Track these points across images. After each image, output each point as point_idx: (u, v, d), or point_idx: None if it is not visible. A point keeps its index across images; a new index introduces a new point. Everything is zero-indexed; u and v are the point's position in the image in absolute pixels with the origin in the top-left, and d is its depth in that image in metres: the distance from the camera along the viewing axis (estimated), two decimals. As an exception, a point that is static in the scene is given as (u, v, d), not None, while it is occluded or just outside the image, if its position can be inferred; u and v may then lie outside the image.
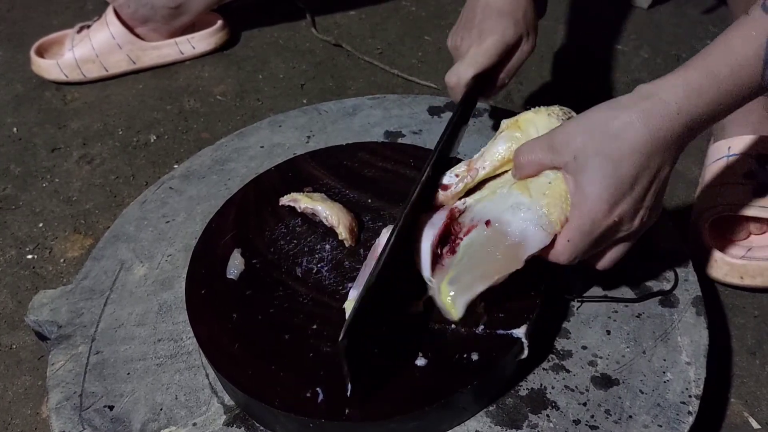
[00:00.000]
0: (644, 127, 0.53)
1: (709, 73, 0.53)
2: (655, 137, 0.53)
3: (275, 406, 0.56)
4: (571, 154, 0.55)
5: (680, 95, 0.53)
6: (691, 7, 1.30)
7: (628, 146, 0.53)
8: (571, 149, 0.55)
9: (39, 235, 0.93)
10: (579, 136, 0.55)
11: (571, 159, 0.55)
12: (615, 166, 0.53)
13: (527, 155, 0.59)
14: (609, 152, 0.53)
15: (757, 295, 0.80)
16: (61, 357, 0.66)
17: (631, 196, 0.54)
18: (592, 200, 0.54)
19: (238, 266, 0.67)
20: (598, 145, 0.54)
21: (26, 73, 1.19)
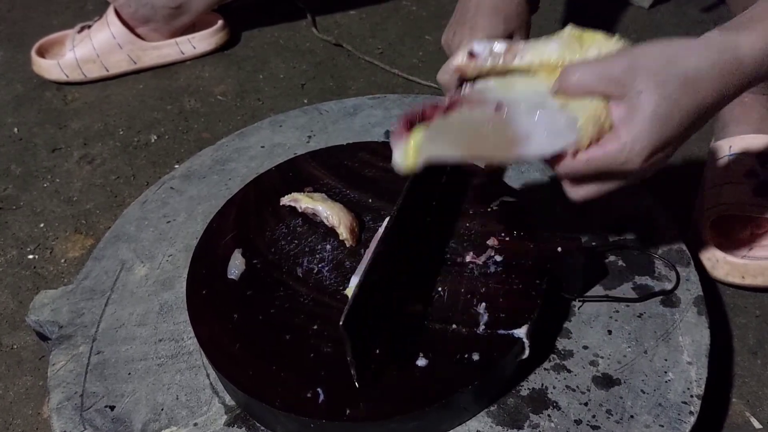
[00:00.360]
0: (719, 84, 0.50)
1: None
2: (724, 94, 0.51)
3: (276, 406, 0.56)
4: (636, 89, 0.50)
5: (757, 58, 0.51)
6: (692, 7, 1.30)
7: (697, 100, 0.50)
8: (636, 85, 0.50)
9: (40, 236, 0.93)
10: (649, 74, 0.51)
11: (634, 94, 0.50)
12: (680, 116, 0.50)
13: (581, 77, 0.53)
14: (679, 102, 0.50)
15: (759, 294, 0.80)
16: (62, 357, 0.66)
17: (673, 147, 0.52)
18: (642, 141, 0.50)
19: (238, 266, 0.67)
20: (667, 90, 0.50)
21: (27, 73, 1.20)
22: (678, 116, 0.50)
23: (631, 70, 0.51)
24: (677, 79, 0.50)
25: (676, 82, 0.50)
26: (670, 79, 0.50)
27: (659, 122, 0.50)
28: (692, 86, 0.50)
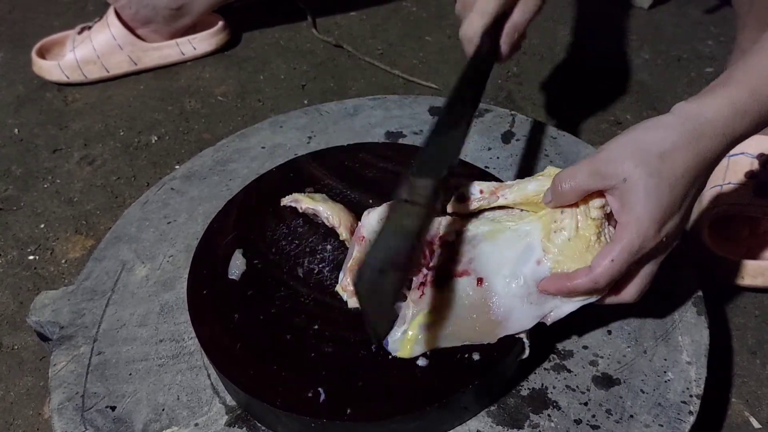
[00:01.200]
0: (694, 149, 0.53)
1: (753, 91, 0.53)
2: (704, 159, 0.53)
3: (277, 406, 0.56)
4: (621, 177, 0.53)
5: (726, 116, 0.53)
6: (692, 8, 1.30)
7: (680, 169, 0.53)
8: (620, 173, 0.53)
9: (40, 236, 0.93)
10: (628, 159, 0.53)
11: (620, 182, 0.54)
12: (669, 188, 0.53)
13: (570, 182, 0.56)
14: (662, 174, 0.53)
15: (758, 294, 0.80)
16: (62, 358, 0.67)
17: (678, 216, 0.54)
18: (645, 220, 0.53)
19: (239, 267, 0.67)
20: (649, 168, 0.53)
21: (27, 74, 1.20)
22: (667, 188, 0.53)
23: (611, 163, 0.54)
24: (653, 156, 0.53)
25: (653, 159, 0.53)
26: (646, 158, 0.53)
27: (652, 197, 0.53)
28: (669, 158, 0.53)
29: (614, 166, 0.54)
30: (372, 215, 0.66)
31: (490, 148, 0.85)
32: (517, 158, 0.84)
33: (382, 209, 0.65)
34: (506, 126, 0.89)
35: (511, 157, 0.84)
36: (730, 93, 0.54)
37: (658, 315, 0.66)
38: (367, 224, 0.65)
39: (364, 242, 0.64)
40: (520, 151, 0.85)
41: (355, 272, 0.49)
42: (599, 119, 1.07)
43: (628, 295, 0.58)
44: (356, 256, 0.64)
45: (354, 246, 0.65)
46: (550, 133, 0.87)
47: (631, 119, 1.06)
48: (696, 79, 1.14)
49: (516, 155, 0.84)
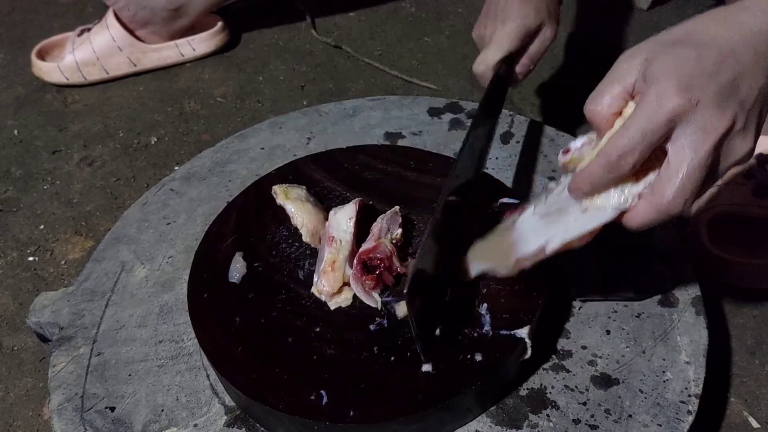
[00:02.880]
0: (724, 23, 0.46)
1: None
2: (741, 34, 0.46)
3: (280, 409, 0.56)
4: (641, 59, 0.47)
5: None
6: (691, 8, 1.30)
7: (708, 39, 0.46)
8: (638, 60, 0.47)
9: (40, 237, 0.93)
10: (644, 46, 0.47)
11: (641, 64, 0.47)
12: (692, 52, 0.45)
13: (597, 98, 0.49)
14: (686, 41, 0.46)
15: (757, 294, 0.81)
16: (62, 358, 0.67)
17: (710, 84, 0.45)
18: (663, 77, 0.45)
19: (240, 270, 0.67)
20: (673, 38, 0.46)
21: (27, 75, 1.20)
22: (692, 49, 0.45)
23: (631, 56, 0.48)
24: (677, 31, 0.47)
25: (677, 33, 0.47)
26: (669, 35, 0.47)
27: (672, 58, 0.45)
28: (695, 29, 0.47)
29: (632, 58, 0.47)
30: (339, 215, 0.66)
31: (489, 149, 0.86)
32: (516, 159, 0.84)
33: (348, 208, 0.67)
34: (505, 127, 0.89)
35: (510, 157, 0.84)
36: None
37: (657, 315, 0.66)
38: (335, 224, 0.66)
39: (333, 242, 0.65)
40: (518, 152, 0.85)
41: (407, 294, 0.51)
42: (598, 120, 1.07)
43: (664, 197, 0.46)
44: (328, 258, 0.64)
45: (324, 248, 0.65)
46: (548, 133, 0.87)
47: (630, 120, 1.06)
48: (695, 79, 1.14)
49: (515, 156, 0.84)
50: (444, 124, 0.90)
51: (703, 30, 0.46)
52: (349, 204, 0.67)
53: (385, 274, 0.63)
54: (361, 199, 0.69)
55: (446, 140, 0.87)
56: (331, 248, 0.64)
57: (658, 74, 0.45)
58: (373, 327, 0.61)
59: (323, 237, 0.66)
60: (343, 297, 0.63)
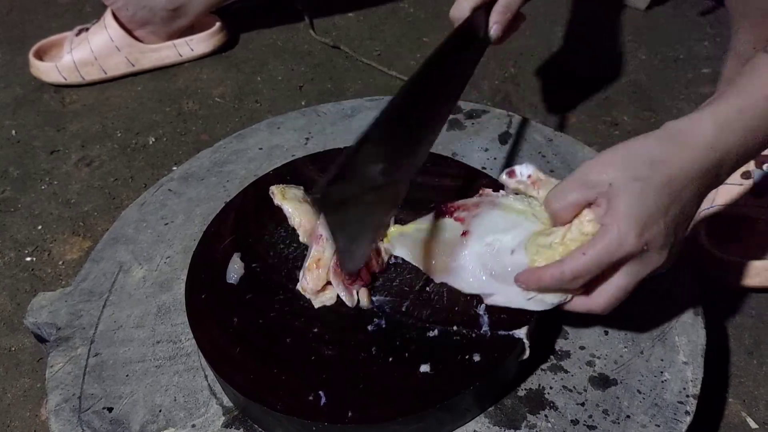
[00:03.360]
0: (679, 160, 0.53)
1: (739, 108, 0.54)
2: (690, 170, 0.53)
3: (278, 409, 0.56)
4: (607, 182, 0.54)
5: (711, 130, 0.54)
6: (689, 9, 1.30)
7: (665, 177, 0.53)
8: (606, 178, 0.54)
9: (38, 238, 0.93)
10: (613, 166, 0.54)
11: (606, 187, 0.54)
12: (654, 192, 0.53)
13: (561, 201, 0.56)
14: (648, 180, 0.53)
15: (755, 294, 0.81)
16: (60, 359, 0.67)
17: (661, 224, 0.53)
18: (625, 220, 0.52)
19: (237, 270, 0.67)
20: (636, 172, 0.53)
21: (25, 75, 1.20)
22: (652, 192, 0.53)
23: (598, 170, 0.55)
24: (640, 162, 0.54)
25: (639, 164, 0.53)
26: (633, 163, 0.54)
27: (635, 199, 0.52)
28: (655, 165, 0.53)
29: (600, 172, 0.54)
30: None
31: (487, 149, 0.86)
32: (515, 159, 0.84)
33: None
34: (503, 127, 0.89)
35: (508, 158, 0.84)
36: (715, 109, 0.55)
37: (655, 315, 0.66)
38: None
39: (320, 240, 0.65)
40: (517, 152, 0.85)
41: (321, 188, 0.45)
42: (596, 120, 1.07)
43: (597, 304, 0.56)
44: (314, 255, 0.64)
45: (312, 245, 0.65)
46: (546, 134, 0.87)
47: (628, 120, 1.06)
48: (693, 79, 1.14)
49: (513, 156, 0.85)
50: (442, 124, 0.90)
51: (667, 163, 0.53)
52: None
53: (363, 270, 0.63)
54: None
55: (444, 140, 0.87)
56: (317, 246, 0.64)
57: (621, 212, 0.52)
58: (372, 328, 0.61)
59: (313, 234, 0.66)
60: (328, 295, 0.63)
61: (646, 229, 0.52)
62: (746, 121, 0.54)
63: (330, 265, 0.63)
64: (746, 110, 0.54)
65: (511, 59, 1.19)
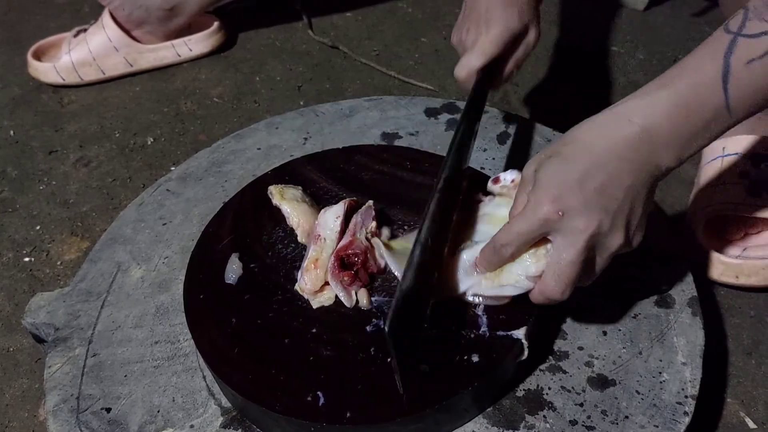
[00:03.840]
0: (597, 130, 0.55)
1: (668, 86, 0.53)
2: (610, 140, 0.54)
3: (276, 410, 0.56)
4: (533, 170, 0.56)
5: (635, 106, 0.54)
6: (687, 9, 1.30)
7: (580, 147, 0.54)
8: (532, 168, 0.56)
9: (36, 238, 0.93)
10: (538, 155, 0.57)
11: (533, 175, 0.56)
12: (566, 162, 0.54)
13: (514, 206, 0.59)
14: (561, 153, 0.55)
15: (753, 294, 0.81)
16: (58, 359, 0.66)
17: (579, 190, 0.53)
18: (540, 189, 0.54)
19: (236, 271, 0.67)
20: (553, 150, 0.55)
21: (23, 76, 1.20)
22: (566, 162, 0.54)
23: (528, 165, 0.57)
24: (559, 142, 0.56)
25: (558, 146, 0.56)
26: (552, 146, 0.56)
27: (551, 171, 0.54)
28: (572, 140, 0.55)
29: (530, 166, 0.57)
30: (328, 213, 0.67)
31: (486, 149, 0.86)
32: (513, 159, 0.84)
33: (337, 207, 0.67)
34: (502, 127, 0.89)
35: (506, 158, 0.84)
36: (644, 89, 0.55)
37: (653, 315, 0.67)
38: (323, 222, 0.66)
39: (319, 241, 0.65)
40: (515, 152, 0.85)
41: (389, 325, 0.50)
42: (595, 120, 1.07)
43: (547, 285, 0.55)
44: (312, 255, 0.64)
45: (310, 246, 0.65)
46: (545, 134, 0.87)
47: (627, 120, 1.06)
48: (691, 80, 1.14)
49: (512, 156, 0.85)
50: (441, 124, 0.90)
51: (578, 141, 0.55)
52: (339, 203, 0.68)
53: (361, 271, 0.63)
54: (352, 199, 0.69)
55: (443, 140, 0.87)
56: (315, 246, 0.65)
57: (538, 184, 0.54)
58: (370, 328, 0.61)
59: (311, 234, 0.66)
60: (326, 296, 0.63)
61: (561, 195, 0.53)
62: (677, 100, 0.53)
63: (328, 265, 0.63)
64: (669, 85, 0.53)
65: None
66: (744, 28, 0.52)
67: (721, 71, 0.52)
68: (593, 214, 0.53)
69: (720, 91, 0.52)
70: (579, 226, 0.53)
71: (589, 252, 0.54)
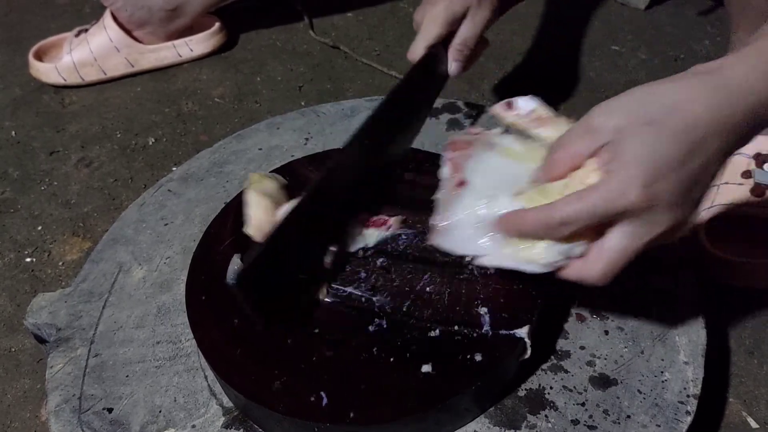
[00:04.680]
0: (709, 102, 0.45)
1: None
2: (723, 116, 0.45)
3: (279, 411, 0.56)
4: (614, 128, 0.46)
5: (745, 71, 0.46)
6: (689, 8, 1.30)
7: (685, 121, 0.45)
8: (614, 123, 0.46)
9: (38, 239, 0.93)
10: (623, 109, 0.47)
11: (613, 133, 0.46)
12: (667, 138, 0.45)
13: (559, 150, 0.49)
14: (662, 124, 0.45)
15: (755, 294, 0.80)
16: (59, 360, 0.67)
17: (673, 178, 0.45)
18: (633, 167, 0.45)
19: (238, 272, 0.66)
20: (649, 115, 0.45)
21: (24, 76, 1.20)
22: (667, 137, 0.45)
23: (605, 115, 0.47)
24: (657, 105, 0.46)
25: (655, 108, 0.46)
26: (647, 107, 0.46)
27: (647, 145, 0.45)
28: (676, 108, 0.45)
29: (607, 116, 0.47)
30: (287, 208, 0.66)
31: (487, 149, 0.85)
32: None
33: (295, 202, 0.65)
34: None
35: (508, 157, 0.84)
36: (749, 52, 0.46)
37: (656, 315, 0.66)
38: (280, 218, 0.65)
39: None
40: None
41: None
42: (596, 120, 1.07)
43: (593, 270, 0.48)
44: None
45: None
46: (546, 133, 0.87)
47: (628, 120, 1.06)
48: (692, 79, 1.14)
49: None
50: (441, 124, 0.90)
51: (687, 109, 0.45)
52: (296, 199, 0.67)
53: None
54: None
55: (444, 140, 0.86)
56: None
57: (628, 157, 0.45)
58: (372, 328, 0.61)
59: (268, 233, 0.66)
60: None
61: (656, 181, 0.44)
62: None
63: None
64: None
65: (509, 59, 1.19)
66: None
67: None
68: (680, 207, 0.46)
69: None
70: (660, 220, 0.46)
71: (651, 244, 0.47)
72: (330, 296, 0.64)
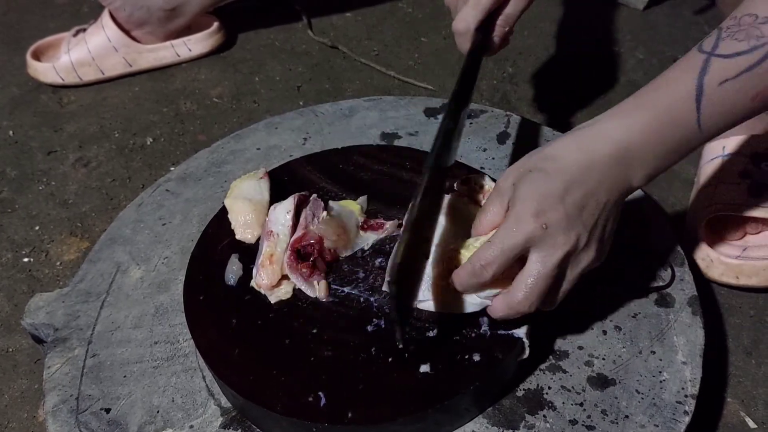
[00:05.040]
0: (577, 147, 0.55)
1: (644, 106, 0.54)
2: (589, 157, 0.54)
3: (278, 411, 0.56)
4: (510, 185, 0.56)
5: (612, 122, 0.55)
6: (687, 8, 1.30)
7: (558, 164, 0.54)
8: (509, 182, 0.56)
9: (35, 238, 0.93)
10: (515, 168, 0.57)
11: (511, 191, 0.56)
12: (546, 177, 0.54)
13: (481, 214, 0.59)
14: (542, 169, 0.54)
15: (753, 294, 0.81)
16: (57, 360, 0.66)
17: (560, 207, 0.53)
18: (522, 203, 0.54)
19: (236, 272, 0.67)
20: (531, 166, 0.55)
21: (22, 76, 1.19)
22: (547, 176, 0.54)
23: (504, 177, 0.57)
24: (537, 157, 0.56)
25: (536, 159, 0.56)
26: (530, 160, 0.56)
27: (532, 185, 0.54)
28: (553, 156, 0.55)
29: (506, 179, 0.57)
30: (278, 209, 0.67)
31: (486, 149, 0.86)
32: (513, 159, 0.84)
33: (287, 202, 0.67)
34: (501, 127, 0.89)
35: (506, 157, 0.84)
36: (621, 106, 0.56)
37: (654, 315, 0.66)
38: (274, 219, 0.67)
39: (271, 236, 0.65)
40: (515, 152, 0.85)
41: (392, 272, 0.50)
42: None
43: (515, 298, 0.54)
44: (266, 251, 0.65)
45: (264, 242, 0.66)
46: (545, 133, 0.87)
47: (626, 120, 1.06)
48: (691, 79, 1.14)
49: (511, 156, 0.84)
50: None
51: (558, 157, 0.55)
52: (288, 198, 0.68)
53: (319, 260, 0.64)
54: (302, 194, 0.69)
55: (443, 140, 0.86)
56: (269, 242, 0.65)
57: (520, 197, 0.54)
58: (371, 328, 0.61)
59: (263, 230, 0.67)
60: (283, 290, 0.64)
61: (544, 210, 0.53)
62: (651, 117, 0.54)
63: (284, 259, 0.64)
64: (644, 105, 0.54)
65: (509, 59, 1.19)
66: (717, 48, 0.53)
67: (695, 92, 0.53)
68: (573, 229, 0.53)
69: (693, 110, 0.53)
70: (559, 241, 0.53)
71: (562, 267, 0.54)
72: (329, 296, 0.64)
